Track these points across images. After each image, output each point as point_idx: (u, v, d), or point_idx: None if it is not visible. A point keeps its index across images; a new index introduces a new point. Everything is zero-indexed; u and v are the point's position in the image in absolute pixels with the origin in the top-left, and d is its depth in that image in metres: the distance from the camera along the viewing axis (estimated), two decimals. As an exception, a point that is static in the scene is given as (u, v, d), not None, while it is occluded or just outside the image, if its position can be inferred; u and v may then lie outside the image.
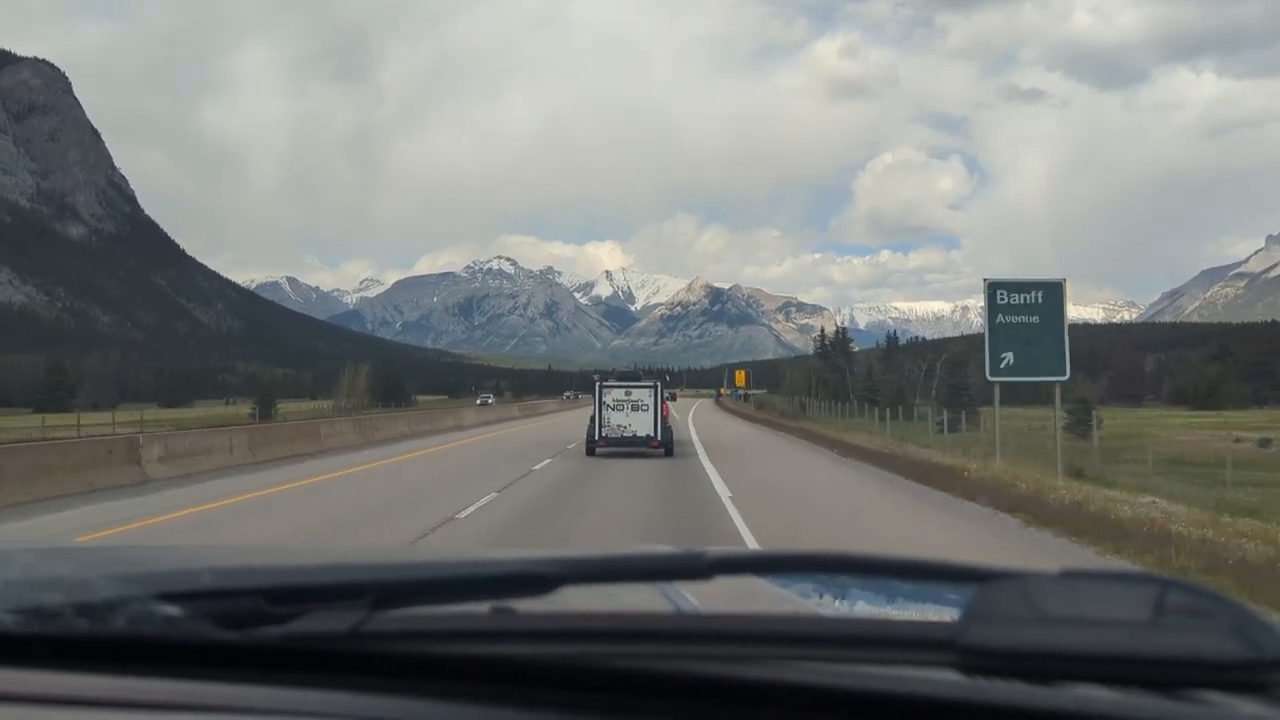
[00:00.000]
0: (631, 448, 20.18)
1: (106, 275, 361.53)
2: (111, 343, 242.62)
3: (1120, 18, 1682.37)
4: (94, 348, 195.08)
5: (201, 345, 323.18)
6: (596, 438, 20.40)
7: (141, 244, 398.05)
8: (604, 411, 20.52)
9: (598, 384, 21.12)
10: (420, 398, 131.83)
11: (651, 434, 20.28)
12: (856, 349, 79.35)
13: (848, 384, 54.92)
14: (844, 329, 76.01)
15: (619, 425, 20.41)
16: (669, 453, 20.30)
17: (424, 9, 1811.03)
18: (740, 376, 52.89)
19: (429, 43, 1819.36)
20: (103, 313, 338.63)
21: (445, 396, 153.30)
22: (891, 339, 70.90)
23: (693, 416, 48.21)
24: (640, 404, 20.53)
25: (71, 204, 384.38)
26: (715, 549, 0.90)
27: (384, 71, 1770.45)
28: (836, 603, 1.33)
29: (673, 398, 37.05)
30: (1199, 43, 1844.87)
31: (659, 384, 21.51)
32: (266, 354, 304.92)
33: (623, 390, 20.77)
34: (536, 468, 17.81)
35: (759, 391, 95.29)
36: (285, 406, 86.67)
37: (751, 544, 9.01)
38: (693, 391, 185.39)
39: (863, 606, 1.33)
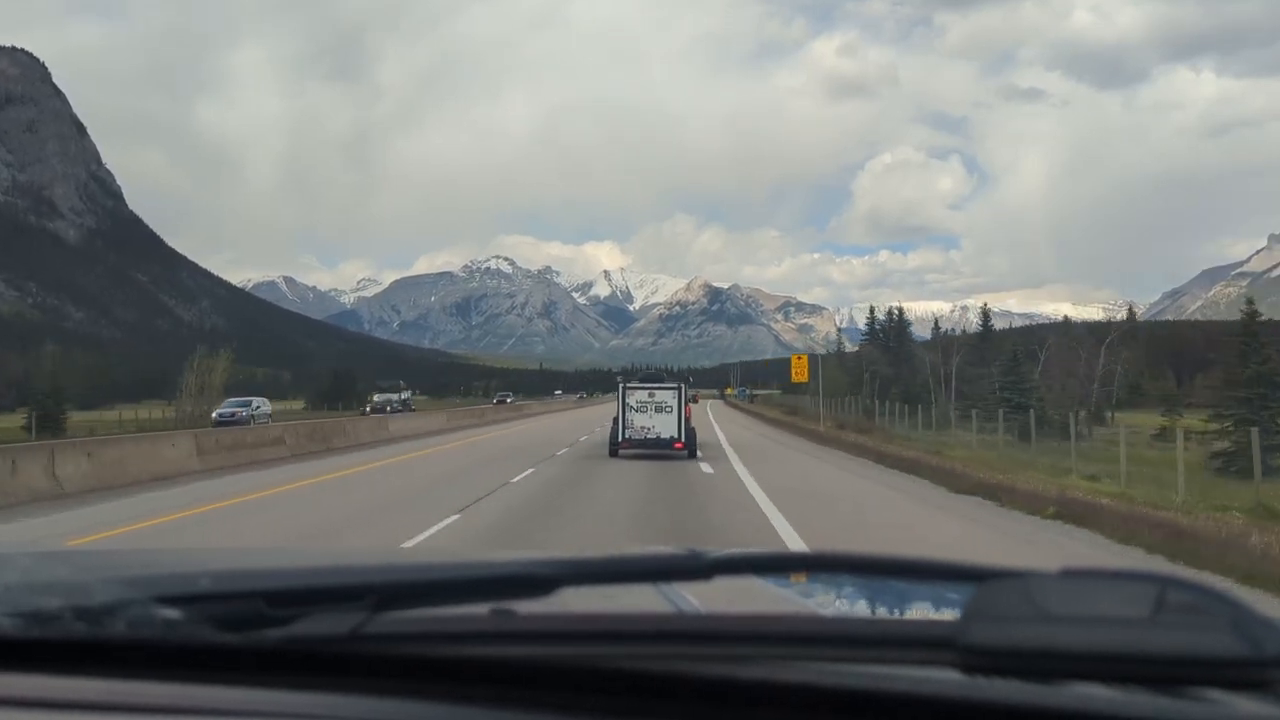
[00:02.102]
0: (655, 449, 20.03)
1: (85, 271, 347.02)
2: (81, 340, 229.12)
3: (1120, 16, 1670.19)
4: (60, 344, 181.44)
5: (180, 344, 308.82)
6: (620, 439, 20.46)
7: (124, 240, 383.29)
8: (627, 413, 20.48)
9: (621, 385, 21.36)
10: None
11: (675, 435, 20.17)
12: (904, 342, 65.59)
13: (928, 383, 41.18)
14: (900, 311, 62.94)
15: (642, 427, 20.36)
16: (692, 454, 19.91)
17: (423, 8, 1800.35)
18: (799, 365, 38.53)
19: (428, 42, 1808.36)
20: (76, 309, 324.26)
21: (426, 397, 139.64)
22: (987, 324, 55.44)
23: (725, 435, 30.80)
24: (664, 405, 20.34)
25: (49, 197, 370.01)
26: (715, 549, 0.89)
27: (382, 71, 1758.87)
28: (836, 602, 1.32)
29: (694, 400, 28.57)
30: (1199, 42, 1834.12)
31: (683, 385, 21.18)
32: (254, 353, 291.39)
33: (646, 392, 20.57)
34: None
35: (770, 391, 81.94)
36: (86, 416, 57.83)
37: None
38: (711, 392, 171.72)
39: (863, 606, 1.32)
